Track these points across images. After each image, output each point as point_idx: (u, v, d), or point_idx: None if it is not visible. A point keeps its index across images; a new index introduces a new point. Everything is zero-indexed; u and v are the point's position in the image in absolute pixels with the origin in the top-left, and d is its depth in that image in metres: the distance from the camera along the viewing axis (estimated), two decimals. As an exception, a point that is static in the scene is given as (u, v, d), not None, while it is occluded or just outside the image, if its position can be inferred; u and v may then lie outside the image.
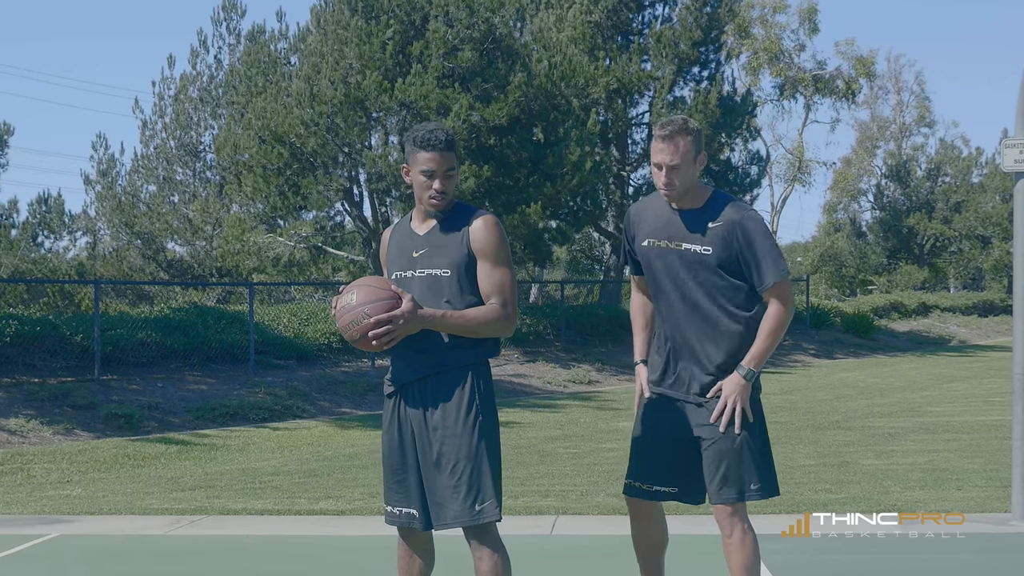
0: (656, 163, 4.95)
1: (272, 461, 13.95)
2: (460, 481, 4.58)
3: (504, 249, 4.70)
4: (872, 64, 55.65)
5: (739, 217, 4.92)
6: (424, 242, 4.75)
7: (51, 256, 31.92)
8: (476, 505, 4.57)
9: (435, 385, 4.66)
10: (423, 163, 4.67)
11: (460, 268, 4.66)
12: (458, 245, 4.67)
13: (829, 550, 7.81)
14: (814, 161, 59.24)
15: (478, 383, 4.68)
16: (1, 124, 30.89)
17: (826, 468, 12.05)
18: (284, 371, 20.19)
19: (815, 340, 33.02)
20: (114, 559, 8.08)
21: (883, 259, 55.15)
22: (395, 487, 4.77)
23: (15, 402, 15.93)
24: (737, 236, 4.89)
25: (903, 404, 19.34)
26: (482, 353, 4.73)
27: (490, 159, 24.29)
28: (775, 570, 7.09)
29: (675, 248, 4.96)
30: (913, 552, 7.79)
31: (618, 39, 30.74)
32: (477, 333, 4.65)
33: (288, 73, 26.39)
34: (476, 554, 4.62)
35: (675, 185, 4.90)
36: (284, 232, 26.74)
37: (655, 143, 4.96)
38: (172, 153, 32.66)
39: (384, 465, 4.84)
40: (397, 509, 4.77)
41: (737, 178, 32.15)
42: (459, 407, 4.63)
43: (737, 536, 4.89)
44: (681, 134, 4.90)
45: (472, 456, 4.60)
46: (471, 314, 4.62)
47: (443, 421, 4.63)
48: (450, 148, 4.70)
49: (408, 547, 4.85)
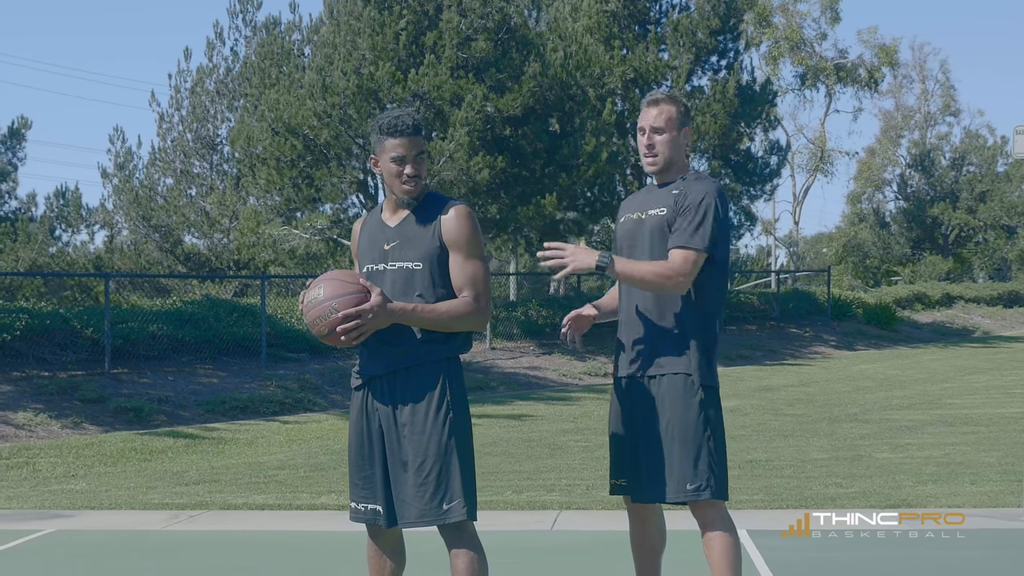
0: (640, 127, 4.86)
1: (279, 455, 13.84)
2: (427, 479, 4.44)
3: (477, 240, 4.56)
4: (895, 53, 55.21)
5: (694, 178, 4.83)
6: (395, 234, 4.61)
7: (70, 250, 31.91)
8: (444, 504, 4.43)
9: (404, 380, 4.52)
10: (392, 150, 4.54)
11: (432, 260, 4.52)
12: (430, 237, 4.54)
13: (831, 548, 7.63)
14: (836, 151, 58.83)
15: (449, 379, 4.53)
16: (19, 118, 30.98)
17: (838, 462, 11.87)
18: (296, 364, 20.09)
19: (836, 331, 32.75)
20: (108, 555, 7.98)
21: (907, 250, 54.73)
22: (360, 483, 4.65)
23: (24, 396, 15.86)
24: (684, 195, 4.75)
25: (922, 396, 19.10)
26: (453, 348, 4.58)
27: (505, 150, 24.12)
28: (775, 568, 6.92)
29: (641, 217, 4.85)
30: (913, 551, 7.61)
31: (635, 28, 30.49)
32: (449, 327, 4.51)
33: (301, 65, 26.28)
34: (452, 553, 4.50)
35: (656, 150, 4.79)
36: (300, 225, 26.64)
37: (641, 112, 4.89)
38: (189, 146, 32.60)
39: (350, 460, 4.71)
40: (362, 505, 4.65)
41: (757, 168, 31.91)
42: (428, 404, 4.48)
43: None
44: (667, 101, 4.85)
45: (440, 454, 4.45)
46: (442, 308, 4.48)
47: (411, 418, 4.49)
48: (418, 132, 4.56)
49: (377, 547, 4.72)
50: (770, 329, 31.72)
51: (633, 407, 4.83)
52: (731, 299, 32.71)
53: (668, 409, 4.76)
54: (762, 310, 33.00)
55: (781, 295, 34.64)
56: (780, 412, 17.33)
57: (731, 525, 4.79)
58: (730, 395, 20.06)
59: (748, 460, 12.19)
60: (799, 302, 34.47)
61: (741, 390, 20.99)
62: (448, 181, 23.04)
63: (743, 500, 9.39)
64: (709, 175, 4.98)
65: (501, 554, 7.53)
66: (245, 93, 28.56)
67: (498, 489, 10.44)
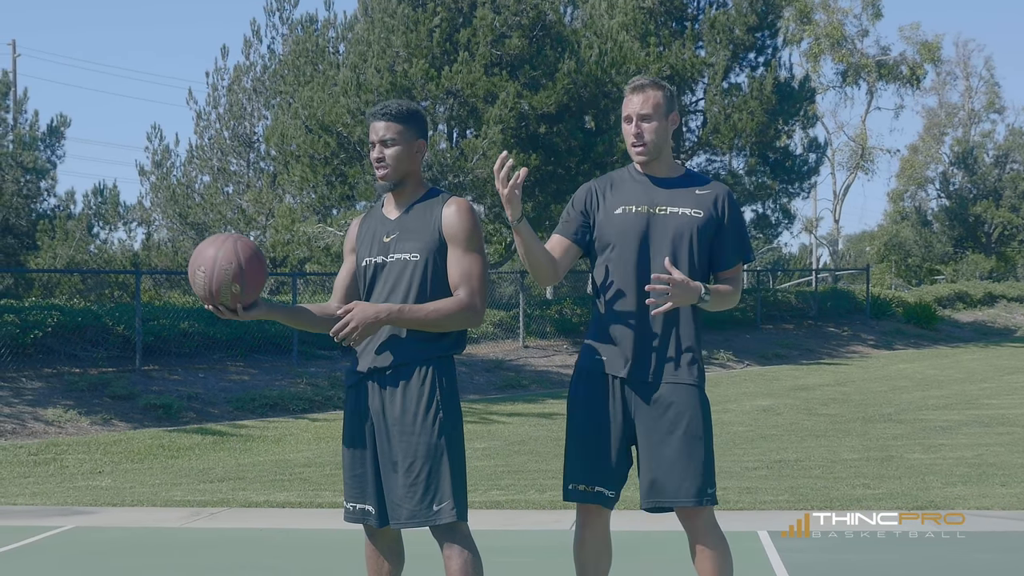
0: (626, 115, 4.68)
1: (306, 452, 13.83)
2: (417, 480, 4.37)
3: (476, 236, 4.48)
4: (938, 49, 54.68)
5: (725, 190, 4.73)
6: (395, 226, 4.56)
7: (108, 247, 32.04)
8: (433, 505, 4.36)
9: (395, 379, 4.44)
10: (371, 132, 4.54)
11: (430, 253, 4.45)
12: (430, 230, 4.47)
13: (847, 548, 7.50)
14: (877, 148, 58.35)
15: (440, 379, 4.44)
16: (57, 116, 31.03)
17: (869, 463, 11.70)
18: (328, 362, 20.07)
19: (875, 331, 32.43)
20: (123, 552, 7.95)
21: (949, 248, 54.18)
22: (351, 482, 4.60)
23: (54, 392, 15.92)
24: (724, 205, 4.66)
25: (959, 396, 18.87)
26: (446, 348, 4.49)
27: (539, 147, 24.02)
28: (792, 569, 6.80)
29: (662, 213, 4.63)
30: (937, 552, 7.46)
31: (671, 25, 30.27)
32: (440, 327, 4.42)
33: (335, 62, 26.27)
34: (445, 553, 4.42)
35: (645, 138, 4.63)
36: (334, 222, 26.63)
37: (625, 100, 4.72)
38: (226, 144, 32.65)
39: (343, 460, 4.66)
40: (352, 505, 4.60)
41: (795, 165, 31.61)
42: (419, 404, 4.40)
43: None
44: (652, 86, 4.67)
45: (430, 455, 4.38)
46: (431, 307, 4.39)
47: (401, 418, 4.41)
48: (394, 119, 4.49)
49: (375, 547, 4.67)
50: (808, 328, 31.45)
51: (637, 411, 4.62)
52: (768, 298, 32.48)
53: (688, 416, 4.57)
54: (800, 309, 32.74)
55: (819, 294, 34.35)
56: (814, 412, 17.16)
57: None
58: (764, 394, 19.91)
59: (777, 460, 12.06)
60: (837, 301, 34.17)
61: (776, 389, 20.82)
62: (482, 179, 22.96)
63: (768, 500, 9.27)
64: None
65: (522, 553, 7.47)
66: (280, 91, 28.58)
67: (521, 488, 10.36)
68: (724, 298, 4.61)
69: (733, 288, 4.67)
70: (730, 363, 25.11)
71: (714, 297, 4.54)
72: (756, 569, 6.84)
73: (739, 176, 30.36)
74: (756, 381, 22.38)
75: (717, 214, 4.63)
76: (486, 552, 4.56)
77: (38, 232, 29.12)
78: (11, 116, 30.64)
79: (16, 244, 29.82)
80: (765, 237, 36.25)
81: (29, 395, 15.65)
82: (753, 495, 9.59)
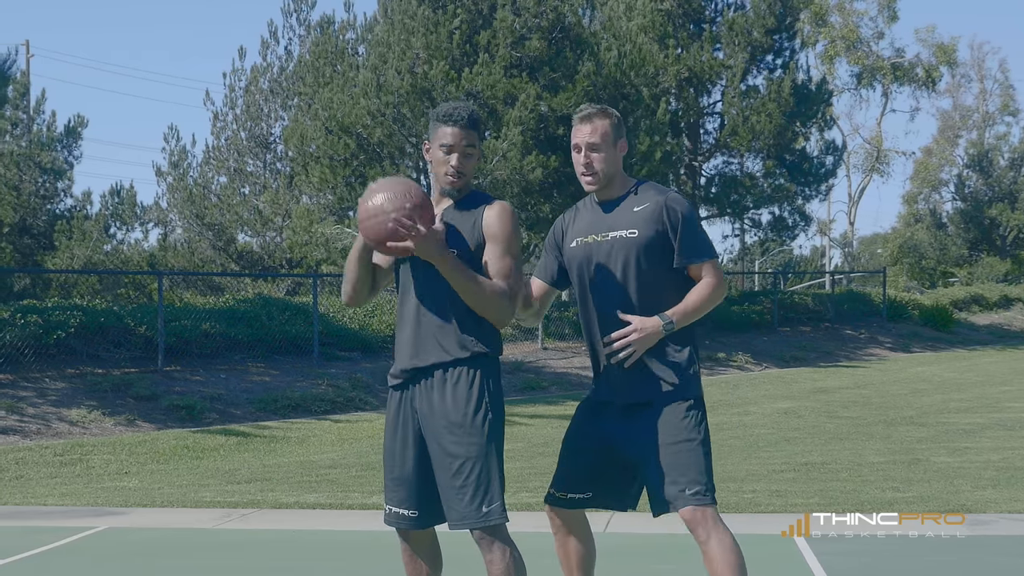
0: (575, 144, 4.73)
1: (331, 454, 13.84)
2: (467, 482, 4.35)
3: (515, 239, 4.51)
4: (953, 52, 54.66)
5: (663, 198, 4.68)
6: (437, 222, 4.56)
7: (124, 248, 32.11)
8: (483, 507, 4.34)
9: (442, 380, 4.44)
10: (443, 138, 4.52)
11: (469, 252, 4.47)
12: (470, 229, 4.50)
13: (880, 551, 7.48)
14: (892, 151, 58.27)
15: (487, 381, 4.45)
16: (75, 116, 31.22)
17: (896, 466, 11.69)
18: (348, 363, 20.09)
19: (891, 333, 32.40)
20: (160, 553, 7.96)
21: (964, 251, 54.07)
22: (392, 485, 4.58)
23: (78, 393, 15.96)
24: (663, 216, 4.63)
25: (980, 399, 18.83)
26: (491, 348, 4.50)
27: (558, 149, 24.00)
28: (831, 572, 6.79)
29: (603, 240, 4.69)
30: (973, 556, 7.45)
31: (690, 27, 30.29)
32: (478, 301, 4.41)
33: (355, 63, 26.30)
34: (487, 556, 4.39)
35: (594, 168, 4.67)
36: (352, 223, 26.65)
37: (574, 128, 4.76)
38: (243, 144, 32.67)
39: (384, 462, 4.64)
40: (393, 508, 4.58)
41: (812, 168, 31.61)
42: (468, 405, 4.39)
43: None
44: (599, 115, 4.71)
45: (480, 456, 4.36)
46: (481, 278, 4.42)
47: (451, 419, 4.40)
48: (471, 126, 4.52)
49: (412, 551, 4.65)
50: (825, 330, 31.42)
51: (628, 428, 4.66)
52: (785, 300, 32.45)
53: (677, 425, 4.59)
54: (817, 311, 32.70)
55: (836, 296, 34.31)
56: (835, 415, 17.15)
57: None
58: (784, 397, 19.90)
59: (804, 463, 12.05)
60: (854, 303, 34.14)
61: (795, 392, 20.81)
62: (501, 180, 22.97)
63: (798, 503, 9.26)
64: (656, 184, 4.84)
65: (553, 555, 7.45)
66: (299, 92, 28.60)
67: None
68: (695, 310, 4.62)
69: (702, 292, 4.64)
70: (748, 365, 25.11)
71: (680, 319, 4.58)
72: (794, 572, 6.84)
73: (756, 178, 30.37)
74: (775, 383, 22.36)
75: (656, 226, 4.63)
76: (526, 555, 4.56)
77: (55, 232, 29.22)
78: (26, 116, 30.76)
79: (33, 244, 29.92)
80: (782, 239, 36.21)
81: (53, 396, 15.69)
82: (784, 498, 9.58)
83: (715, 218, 32.51)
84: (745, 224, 35.28)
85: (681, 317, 4.58)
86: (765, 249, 62.73)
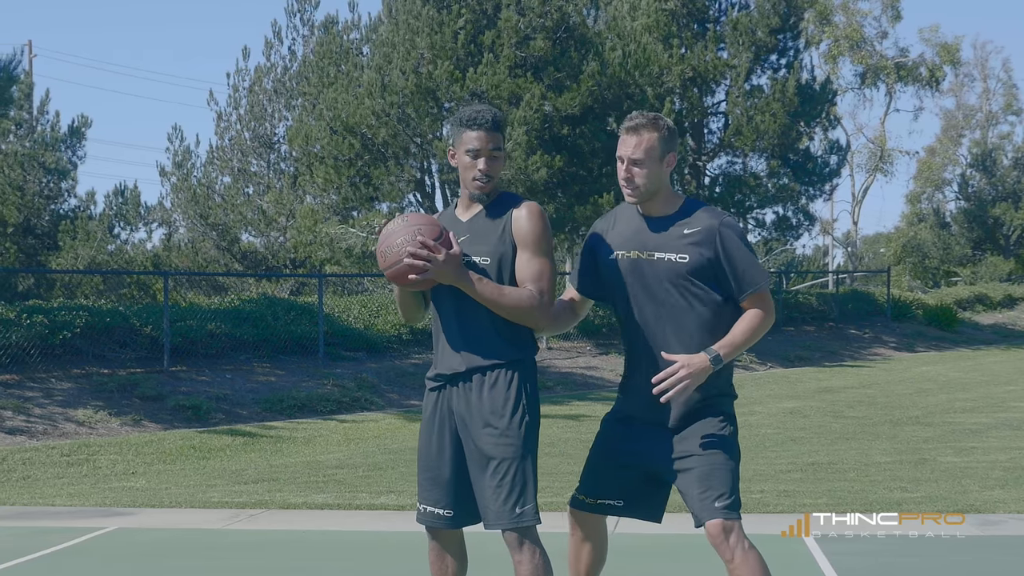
0: (618, 156, 4.59)
1: (337, 454, 13.85)
2: (503, 482, 4.39)
3: (546, 240, 4.50)
4: (957, 51, 54.57)
5: (716, 223, 4.54)
6: (466, 229, 4.59)
7: (128, 247, 32.10)
8: (517, 508, 4.38)
9: (480, 383, 4.47)
10: (468, 143, 4.51)
11: (500, 257, 4.49)
12: (500, 233, 4.50)
13: (895, 551, 7.48)
14: (896, 150, 58.18)
15: (524, 383, 4.48)
16: (78, 117, 31.18)
17: (903, 465, 11.69)
18: (353, 363, 20.09)
19: (896, 333, 32.37)
20: (169, 553, 7.97)
21: (967, 250, 53.99)
22: (427, 484, 4.63)
23: (84, 393, 15.96)
24: (716, 243, 4.51)
25: (986, 399, 18.83)
26: (528, 351, 4.54)
27: (563, 149, 24.02)
28: (842, 573, 6.79)
29: (647, 258, 4.58)
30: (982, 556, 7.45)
31: (694, 26, 30.27)
32: (508, 313, 4.44)
33: (359, 64, 26.31)
34: (516, 557, 4.43)
35: (635, 183, 4.53)
36: (357, 223, 26.67)
37: (621, 137, 4.61)
38: (247, 144, 32.70)
39: (419, 461, 4.68)
40: (428, 508, 4.63)
41: (816, 168, 31.56)
42: (505, 406, 4.43)
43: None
44: (648, 128, 4.53)
45: (517, 457, 4.40)
46: (507, 289, 4.44)
47: (488, 420, 4.44)
48: (496, 128, 4.51)
49: (439, 547, 4.69)
50: (829, 330, 31.41)
51: (664, 442, 4.62)
52: (789, 300, 32.44)
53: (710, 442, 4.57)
54: (821, 311, 32.69)
55: (840, 296, 34.30)
56: (840, 414, 17.14)
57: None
58: (789, 396, 19.89)
59: (810, 463, 12.05)
60: (858, 303, 34.12)
61: (800, 392, 20.80)
62: (506, 180, 22.97)
63: (806, 503, 9.26)
64: (708, 204, 4.72)
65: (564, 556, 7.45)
66: (303, 92, 28.61)
67: (558, 490, 10.34)
68: (743, 342, 4.51)
69: (752, 323, 4.54)
70: (753, 365, 25.10)
71: (728, 352, 4.46)
72: (804, 572, 6.84)
73: (760, 178, 30.34)
74: (780, 383, 22.36)
75: (707, 254, 4.51)
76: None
77: (59, 232, 29.21)
78: (29, 116, 30.75)
79: (37, 244, 29.91)
80: (786, 239, 36.18)
81: (59, 396, 15.70)
82: (792, 498, 9.58)
83: (719, 218, 32.45)
84: (749, 224, 35.24)
85: (729, 350, 4.47)
86: (768, 249, 62.76)
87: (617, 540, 8.04)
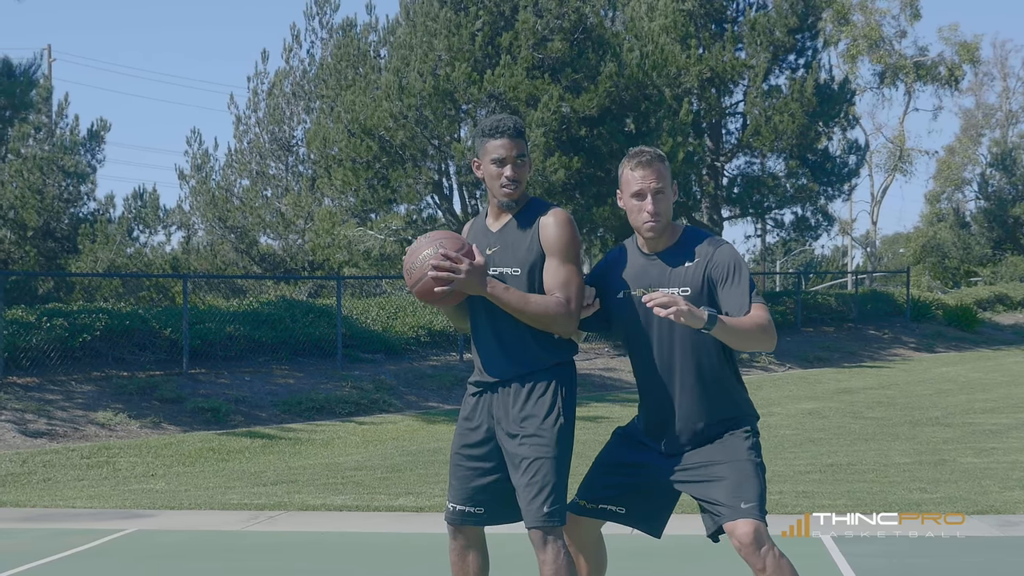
0: (637, 191, 4.54)
1: (356, 456, 13.87)
2: (532, 481, 4.44)
3: (574, 247, 4.52)
4: (976, 50, 54.39)
5: (712, 249, 4.56)
6: (497, 239, 4.62)
7: (147, 251, 32.21)
8: (545, 507, 4.43)
9: (519, 388, 4.53)
10: (493, 151, 4.54)
11: (530, 266, 4.53)
12: (528, 242, 4.54)
13: (912, 552, 7.46)
14: (915, 150, 58.05)
15: (561, 388, 4.54)
16: (98, 120, 31.24)
17: (923, 466, 11.65)
18: (372, 365, 20.11)
19: (915, 333, 32.26)
20: (189, 555, 8.00)
21: (987, 250, 53.76)
22: (458, 484, 4.68)
23: (104, 395, 16.03)
24: (712, 268, 4.52)
25: (1006, 399, 18.75)
26: (565, 354, 4.60)
27: (580, 150, 24.00)
28: (860, 573, 6.77)
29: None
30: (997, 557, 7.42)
31: (711, 27, 30.23)
32: (535, 321, 4.48)
33: (377, 66, 26.35)
34: (541, 556, 4.47)
35: (660, 214, 4.54)
36: (375, 225, 26.71)
37: (630, 173, 4.57)
38: (265, 147, 32.75)
39: (452, 460, 4.73)
40: (458, 507, 4.68)
41: (835, 168, 31.48)
42: (540, 406, 4.49)
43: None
44: (658, 159, 4.57)
45: (548, 458, 4.45)
46: (533, 298, 4.47)
47: (524, 421, 4.49)
48: (519, 135, 4.55)
49: (461, 546, 4.72)
50: (848, 331, 31.31)
51: (675, 467, 4.65)
52: (808, 300, 32.37)
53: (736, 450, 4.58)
54: (840, 311, 32.59)
55: (859, 296, 34.20)
56: (860, 415, 17.10)
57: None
58: (808, 397, 19.85)
59: (829, 464, 12.02)
60: (877, 303, 34.00)
61: (820, 392, 20.75)
62: (523, 182, 22.96)
63: (826, 504, 9.24)
64: (705, 232, 4.70)
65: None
66: (321, 95, 28.65)
67: (572, 492, 10.34)
68: (738, 327, 4.40)
69: (754, 319, 4.45)
70: (772, 366, 25.05)
71: (727, 324, 4.35)
72: (823, 573, 6.83)
73: (779, 178, 30.29)
74: (799, 384, 22.31)
75: (707, 284, 4.52)
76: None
77: (79, 236, 29.33)
78: (49, 120, 30.88)
79: (57, 247, 30.02)
80: (804, 240, 36.09)
81: (80, 398, 15.77)
82: (811, 499, 9.56)
83: (737, 218, 32.43)
84: (767, 224, 35.18)
85: (729, 324, 4.37)
86: (787, 249, 62.61)
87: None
